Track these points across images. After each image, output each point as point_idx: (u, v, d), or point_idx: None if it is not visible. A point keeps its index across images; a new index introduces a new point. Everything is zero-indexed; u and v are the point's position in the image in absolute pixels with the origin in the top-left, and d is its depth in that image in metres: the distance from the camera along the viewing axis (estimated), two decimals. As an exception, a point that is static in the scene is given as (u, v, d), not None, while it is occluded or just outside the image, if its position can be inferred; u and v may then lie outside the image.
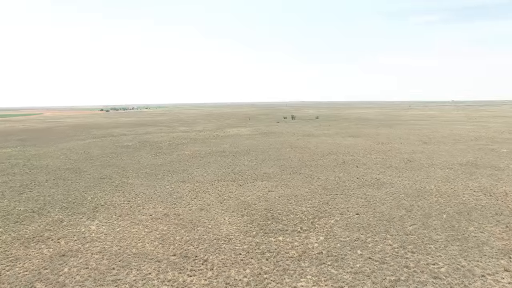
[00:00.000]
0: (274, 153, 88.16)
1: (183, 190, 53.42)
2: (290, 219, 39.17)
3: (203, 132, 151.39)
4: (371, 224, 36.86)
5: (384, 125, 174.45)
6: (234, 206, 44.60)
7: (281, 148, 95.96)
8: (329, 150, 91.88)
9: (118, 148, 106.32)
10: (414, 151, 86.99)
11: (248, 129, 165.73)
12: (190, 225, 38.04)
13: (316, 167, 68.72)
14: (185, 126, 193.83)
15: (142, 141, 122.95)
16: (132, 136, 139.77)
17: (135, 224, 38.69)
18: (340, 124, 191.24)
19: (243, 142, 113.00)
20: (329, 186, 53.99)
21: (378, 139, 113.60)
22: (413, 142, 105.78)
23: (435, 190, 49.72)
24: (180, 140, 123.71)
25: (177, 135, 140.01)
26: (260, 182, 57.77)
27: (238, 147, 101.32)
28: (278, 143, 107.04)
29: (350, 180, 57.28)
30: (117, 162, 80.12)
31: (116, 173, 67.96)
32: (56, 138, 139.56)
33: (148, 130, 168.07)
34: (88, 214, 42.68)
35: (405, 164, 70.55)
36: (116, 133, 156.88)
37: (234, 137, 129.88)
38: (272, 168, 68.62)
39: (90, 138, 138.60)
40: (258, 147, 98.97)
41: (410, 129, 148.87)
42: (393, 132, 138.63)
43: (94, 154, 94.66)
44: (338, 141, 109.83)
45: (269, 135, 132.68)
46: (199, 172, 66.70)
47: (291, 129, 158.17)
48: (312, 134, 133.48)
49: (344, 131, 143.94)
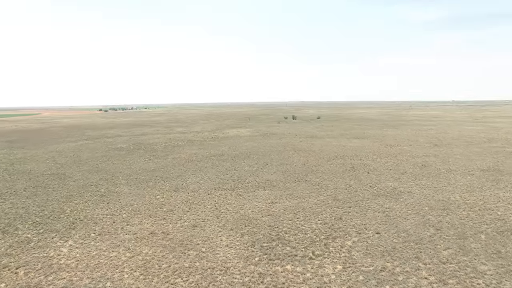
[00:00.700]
0: (276, 156, 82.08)
1: (175, 201, 47.32)
2: (299, 240, 33.12)
3: (201, 133, 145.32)
4: (396, 247, 30.81)
5: (389, 126, 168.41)
6: (232, 222, 38.54)
7: (284, 151, 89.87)
8: (335, 153, 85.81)
9: (110, 150, 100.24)
10: (427, 155, 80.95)
11: (248, 130, 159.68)
12: (180, 248, 31.97)
13: (323, 173, 62.64)
14: (183, 127, 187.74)
15: (137, 143, 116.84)
16: (127, 138, 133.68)
17: (115, 246, 32.61)
18: (343, 124, 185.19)
19: (243, 144, 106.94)
20: (340, 196, 47.92)
21: (386, 141, 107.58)
22: (423, 144, 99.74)
23: (462, 202, 43.67)
24: (176, 142, 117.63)
25: (174, 137, 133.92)
26: (262, 191, 51.68)
27: (238, 149, 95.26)
28: (280, 146, 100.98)
29: (363, 189, 51.20)
30: (107, 167, 74.01)
31: (104, 180, 61.88)
32: (47, 139, 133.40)
33: (144, 131, 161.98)
34: (62, 232, 36.59)
35: (420, 169, 64.49)
36: (110, 134, 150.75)
37: (233, 138, 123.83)
38: (275, 174, 62.54)
39: (83, 139, 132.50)
40: (259, 150, 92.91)
41: (416, 130, 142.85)
42: (400, 133, 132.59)
43: (84, 157, 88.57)
44: (344, 143, 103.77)
45: (270, 137, 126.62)
46: (194, 179, 60.60)
47: (292, 130, 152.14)
48: (315, 136, 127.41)
49: (349, 132, 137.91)
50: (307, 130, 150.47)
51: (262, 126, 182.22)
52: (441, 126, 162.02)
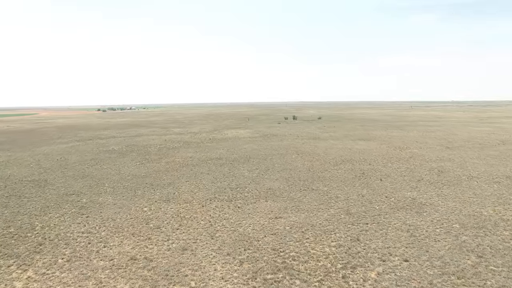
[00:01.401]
0: (278, 160, 75.93)
1: (164, 215, 41.17)
2: (311, 270, 27.03)
3: (198, 135, 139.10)
4: (434, 282, 24.71)
5: (393, 127, 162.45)
6: (229, 244, 32.40)
7: (286, 154, 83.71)
8: (342, 156, 79.69)
9: (101, 153, 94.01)
10: (440, 158, 74.92)
11: (248, 131, 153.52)
12: (164, 282, 25.84)
13: (331, 180, 56.53)
14: (181, 127, 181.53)
15: (130, 144, 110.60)
16: (121, 139, 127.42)
17: (84, 279, 26.46)
18: (345, 125, 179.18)
19: (242, 146, 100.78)
20: (353, 209, 41.83)
21: (393, 143, 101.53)
22: (434, 147, 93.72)
23: (498, 218, 37.60)
24: (172, 143, 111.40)
25: (170, 138, 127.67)
26: (264, 202, 45.56)
27: (237, 152, 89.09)
28: (281, 148, 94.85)
29: (379, 200, 45.12)
30: (94, 172, 67.79)
31: (88, 187, 55.68)
32: (37, 141, 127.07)
33: (140, 132, 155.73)
34: (24, 257, 30.41)
35: (437, 176, 58.43)
36: (104, 135, 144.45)
37: (232, 140, 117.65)
38: (278, 182, 56.40)
39: (74, 141, 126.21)
40: (259, 153, 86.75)
41: (423, 132, 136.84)
42: (406, 135, 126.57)
43: (72, 160, 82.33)
44: (350, 146, 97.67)
45: (270, 138, 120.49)
46: (188, 187, 54.41)
47: (294, 131, 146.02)
48: (318, 137, 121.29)
49: (352, 134, 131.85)
50: (309, 131, 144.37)
51: (262, 126, 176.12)
52: (447, 127, 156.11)
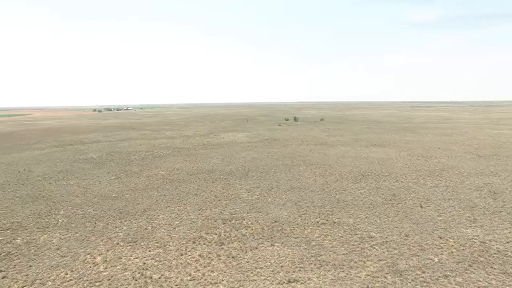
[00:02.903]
0: (283, 174, 62.56)
1: (122, 273, 27.75)
2: None
3: (192, 139, 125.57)
4: None
5: (403, 129, 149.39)
6: None
7: (292, 166, 70.32)
8: (359, 168, 66.42)
9: (75, 162, 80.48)
10: (481, 172, 61.73)
11: (246, 134, 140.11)
12: None
13: (355, 207, 43.21)
14: (174, 130, 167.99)
15: (113, 151, 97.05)
16: (105, 144, 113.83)
17: None
18: (351, 127, 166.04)
19: (240, 154, 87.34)
20: (402, 263, 28.53)
21: (413, 150, 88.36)
22: (462, 155, 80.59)
23: None
24: (160, 150, 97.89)
25: (160, 143, 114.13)
26: (269, 247, 32.19)
27: (233, 162, 75.69)
28: (286, 157, 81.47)
29: (432, 245, 31.79)
30: (54, 191, 54.24)
31: (36, 216, 42.22)
32: (10, 146, 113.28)
33: (128, 135, 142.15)
34: None
35: (493, 200, 45.16)
36: (88, 139, 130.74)
37: (228, 146, 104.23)
38: (286, 209, 43.03)
39: (53, 146, 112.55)
40: (260, 164, 73.38)
41: (439, 135, 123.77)
42: (422, 139, 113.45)
43: (36, 173, 68.79)
44: (364, 153, 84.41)
45: (272, 144, 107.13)
46: (166, 217, 40.95)
47: (297, 134, 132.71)
48: (325, 142, 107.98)
49: (362, 138, 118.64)
50: (314, 135, 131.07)
51: (261, 129, 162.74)
52: (461, 129, 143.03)
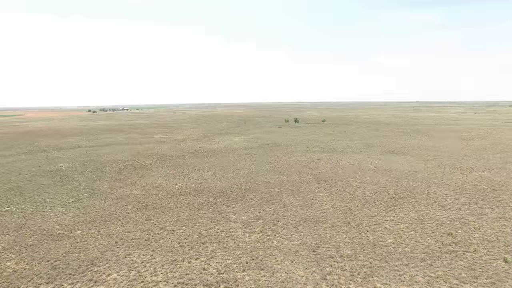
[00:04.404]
0: (291, 197, 48.72)
1: None
2: None
3: (182, 144, 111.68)
4: None
5: (415, 132, 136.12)
6: None
7: (301, 183, 56.52)
8: (385, 186, 52.80)
9: (36, 176, 66.48)
10: (541, 192, 48.36)
11: (244, 138, 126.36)
12: None
13: (402, 259, 29.54)
14: (165, 133, 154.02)
15: (88, 160, 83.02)
16: (83, 151, 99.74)
17: None
18: (357, 130, 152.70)
19: (236, 165, 73.55)
20: None
21: (439, 159, 74.96)
22: (503, 166, 67.20)
23: None
24: (143, 158, 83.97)
25: (145, 149, 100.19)
26: None
27: (227, 177, 61.91)
28: (291, 169, 67.77)
29: None
30: (-14, 223, 40.30)
31: None
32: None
33: (113, 140, 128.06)
34: None
35: None
36: (67, 144, 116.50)
37: (223, 153, 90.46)
38: (300, 262, 29.23)
39: (21, 153, 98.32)
40: (260, 180, 59.58)
41: (458, 139, 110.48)
42: (442, 144, 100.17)
43: (-21, 192, 54.79)
44: (383, 164, 70.83)
45: (273, 150, 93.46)
46: (119, 281, 27.00)
47: (300, 138, 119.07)
48: (333, 149, 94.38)
49: (373, 143, 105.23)
50: (319, 139, 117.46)
51: (260, 132, 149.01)
52: (478, 132, 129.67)
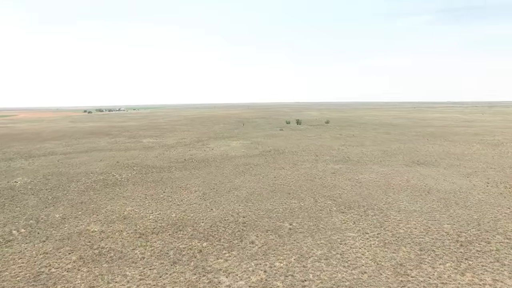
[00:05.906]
0: (310, 240, 34.53)
1: None
2: None
3: (172, 150, 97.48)
4: None
5: (431, 136, 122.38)
6: None
7: (318, 213, 42.39)
8: (437, 220, 38.75)
9: (-21, 197, 52.22)
10: None
11: (242, 142, 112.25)
12: None
13: None
14: (155, 136, 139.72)
15: (54, 173, 68.72)
16: (55, 159, 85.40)
17: None
18: (366, 133, 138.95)
19: (232, 181, 59.39)
20: None
21: (482, 173, 61.13)
22: None
23: None
24: (121, 170, 69.76)
25: (128, 157, 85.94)
26: None
27: (220, 202, 47.75)
28: (302, 188, 53.67)
29: None
30: None
31: None
32: None
33: (96, 145, 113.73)
34: None
35: None
36: (40, 150, 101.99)
37: (217, 163, 76.33)
38: None
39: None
40: (263, 208, 45.44)
41: (486, 145, 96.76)
42: (470, 151, 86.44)
43: None
44: (416, 181, 56.81)
45: (276, 160, 79.42)
46: None
47: (305, 143, 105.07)
48: (348, 158, 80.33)
49: (391, 149, 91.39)
50: (327, 144, 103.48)
51: (260, 135, 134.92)
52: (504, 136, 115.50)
